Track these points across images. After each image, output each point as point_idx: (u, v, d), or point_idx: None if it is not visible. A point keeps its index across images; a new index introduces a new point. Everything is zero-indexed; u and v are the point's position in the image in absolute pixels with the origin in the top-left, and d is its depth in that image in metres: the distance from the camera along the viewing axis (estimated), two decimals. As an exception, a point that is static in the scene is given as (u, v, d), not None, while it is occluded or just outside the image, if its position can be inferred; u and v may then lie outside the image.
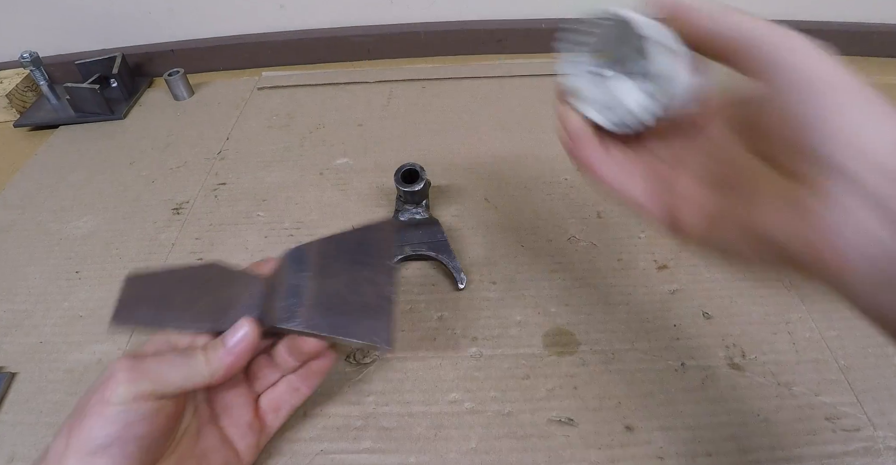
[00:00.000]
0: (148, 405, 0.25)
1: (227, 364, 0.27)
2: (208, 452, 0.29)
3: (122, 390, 0.25)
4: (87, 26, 0.71)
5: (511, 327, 0.38)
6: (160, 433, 0.26)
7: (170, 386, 0.26)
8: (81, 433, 0.24)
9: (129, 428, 0.25)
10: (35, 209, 0.52)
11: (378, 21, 0.72)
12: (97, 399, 0.25)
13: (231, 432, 0.30)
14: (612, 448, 0.32)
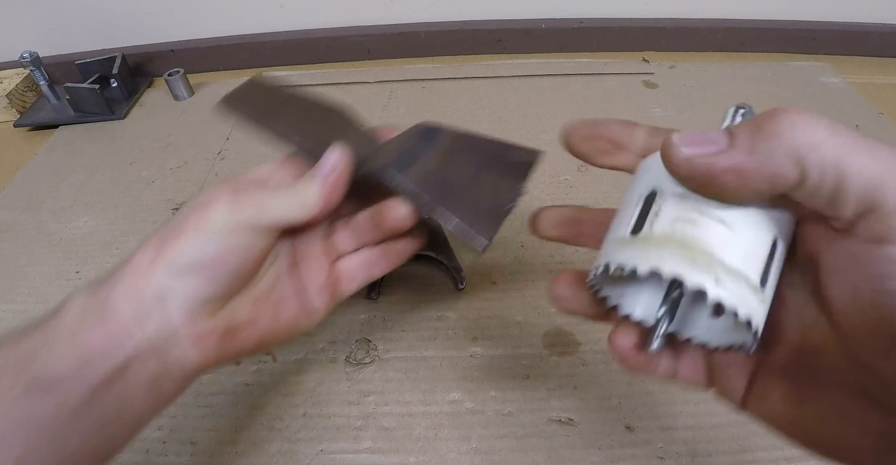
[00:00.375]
0: (244, 236, 0.25)
1: (323, 195, 0.27)
2: (282, 301, 0.28)
3: (223, 214, 0.25)
4: (87, 26, 0.71)
5: (511, 327, 0.38)
6: (247, 268, 0.26)
7: (268, 218, 0.26)
8: (175, 248, 0.24)
9: (223, 255, 0.24)
10: (35, 209, 0.52)
11: (378, 21, 0.72)
12: (197, 218, 0.25)
13: (304, 286, 0.30)
14: (612, 448, 0.32)
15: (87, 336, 0.23)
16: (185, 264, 0.24)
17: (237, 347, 0.26)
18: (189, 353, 0.24)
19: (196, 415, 0.34)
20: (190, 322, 0.24)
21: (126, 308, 0.23)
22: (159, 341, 0.24)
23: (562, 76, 0.65)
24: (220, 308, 0.26)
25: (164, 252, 0.24)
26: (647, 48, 0.70)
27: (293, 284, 0.29)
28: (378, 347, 0.37)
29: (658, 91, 0.62)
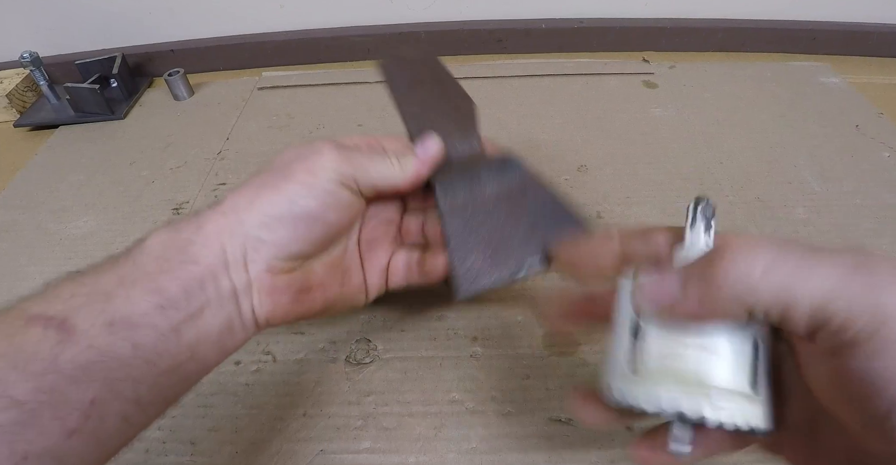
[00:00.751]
0: (346, 195, 0.26)
1: (415, 169, 0.28)
2: (351, 270, 0.29)
3: (330, 168, 0.25)
4: (87, 26, 0.71)
5: (511, 327, 0.38)
6: (339, 229, 0.26)
7: (368, 179, 0.26)
8: (274, 195, 0.24)
9: (323, 209, 0.25)
10: (35, 209, 0.52)
11: (378, 21, 0.72)
12: (304, 168, 0.25)
13: (367, 264, 0.31)
14: (612, 448, 0.32)
15: (167, 278, 0.22)
16: (284, 212, 0.24)
17: (306, 307, 0.27)
18: (263, 305, 0.25)
19: (196, 415, 0.34)
20: (270, 275, 0.24)
21: (210, 252, 0.23)
22: (238, 289, 0.24)
23: (562, 76, 0.65)
24: (300, 265, 0.26)
25: (265, 197, 0.24)
26: (647, 48, 0.70)
27: (359, 257, 0.30)
28: (378, 347, 0.37)
29: (658, 91, 0.62)
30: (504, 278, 0.28)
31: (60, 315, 0.21)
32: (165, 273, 0.22)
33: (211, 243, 0.23)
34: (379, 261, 0.31)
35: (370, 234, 0.31)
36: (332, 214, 0.25)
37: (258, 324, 0.25)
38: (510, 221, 0.29)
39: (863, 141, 0.53)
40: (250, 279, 0.24)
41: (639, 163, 0.52)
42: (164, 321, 0.22)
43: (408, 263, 0.32)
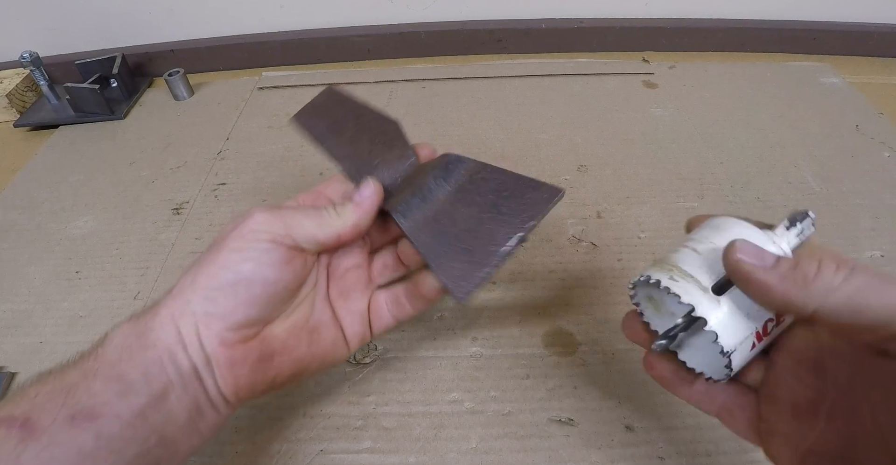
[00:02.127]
0: (282, 252, 0.25)
1: (355, 218, 0.28)
2: (320, 327, 0.29)
3: (260, 229, 0.25)
4: (87, 26, 0.71)
5: (511, 327, 0.38)
6: (285, 287, 0.26)
7: (304, 232, 0.26)
8: (211, 267, 0.24)
9: (259, 269, 0.25)
10: (35, 209, 0.52)
11: (378, 21, 0.72)
12: (234, 235, 0.25)
13: (342, 314, 0.30)
14: (612, 448, 0.32)
15: (127, 365, 0.23)
16: (221, 281, 0.24)
17: (271, 375, 0.26)
18: (225, 380, 0.24)
19: (196, 415, 0.34)
20: (225, 348, 0.24)
21: (165, 335, 0.24)
22: (198, 367, 0.24)
23: (562, 76, 0.65)
24: (256, 333, 0.26)
25: (201, 274, 0.24)
26: (646, 48, 0.70)
27: (330, 311, 0.30)
28: (378, 347, 0.37)
29: (658, 91, 0.62)
30: (491, 269, 0.27)
31: (23, 415, 0.21)
32: (125, 361, 0.23)
33: (166, 325, 0.24)
34: (356, 308, 0.30)
35: (339, 285, 0.30)
36: (271, 273, 0.25)
37: (228, 402, 0.25)
38: (473, 213, 0.29)
39: (863, 141, 0.53)
40: (208, 356, 0.24)
41: (639, 163, 0.52)
42: (126, 409, 0.22)
43: (394, 298, 0.31)
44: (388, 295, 0.31)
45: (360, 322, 0.30)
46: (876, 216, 0.45)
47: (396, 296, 0.31)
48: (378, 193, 0.29)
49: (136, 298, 0.42)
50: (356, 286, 0.31)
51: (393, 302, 0.31)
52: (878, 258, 0.41)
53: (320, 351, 0.28)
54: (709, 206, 0.46)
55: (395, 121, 0.35)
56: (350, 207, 0.28)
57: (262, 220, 0.26)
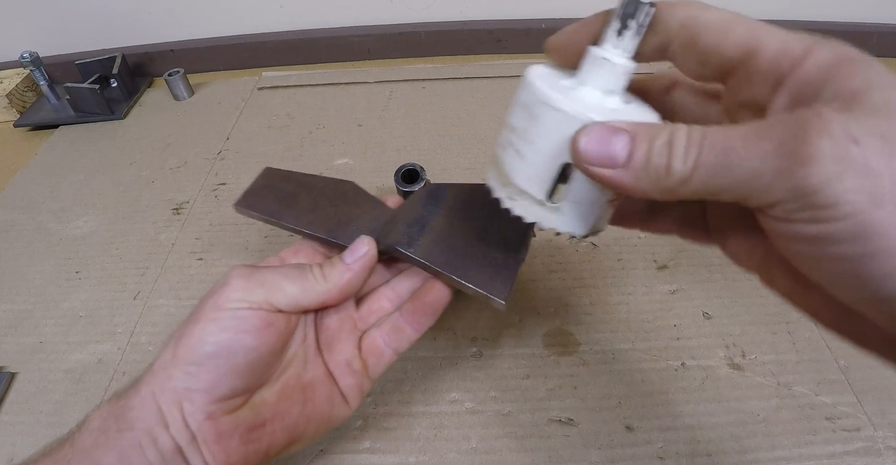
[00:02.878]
0: (261, 317, 0.24)
1: (345, 281, 0.26)
2: (315, 384, 0.27)
3: (237, 295, 0.24)
4: (87, 26, 0.71)
5: (511, 327, 0.38)
6: (269, 351, 0.24)
7: (285, 298, 0.25)
8: (190, 340, 0.23)
9: (239, 338, 0.23)
10: (35, 209, 0.52)
11: (378, 21, 0.72)
12: (211, 305, 0.24)
13: (334, 368, 0.28)
14: (612, 448, 0.32)
15: (101, 452, 0.22)
16: (202, 354, 0.23)
17: (265, 444, 0.25)
18: (215, 456, 0.23)
19: (196, 415, 0.34)
20: (212, 422, 0.23)
21: (146, 414, 0.22)
22: (182, 447, 0.22)
23: (562, 76, 0.65)
24: (244, 402, 0.24)
25: (181, 348, 0.23)
26: (647, 48, 0.70)
27: (323, 366, 0.28)
28: (378, 347, 0.37)
29: (658, 91, 0.62)
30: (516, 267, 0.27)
31: None
32: (101, 446, 0.22)
33: (147, 404, 0.22)
34: (343, 358, 0.28)
35: (324, 336, 0.28)
36: (251, 340, 0.24)
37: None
38: (476, 227, 0.29)
39: (863, 141, 0.53)
40: (193, 433, 0.23)
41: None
42: None
43: (391, 328, 0.29)
44: (384, 329, 0.29)
45: (351, 373, 0.28)
46: (876, 216, 0.45)
47: (394, 324, 0.29)
48: (372, 252, 0.27)
49: (136, 298, 0.42)
50: (339, 334, 0.28)
51: (390, 333, 0.29)
52: (878, 258, 0.41)
53: (316, 411, 0.26)
54: (709, 206, 0.46)
55: (349, 181, 0.34)
56: (339, 269, 0.26)
57: (238, 287, 0.24)
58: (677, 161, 0.16)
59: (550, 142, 0.19)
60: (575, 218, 0.21)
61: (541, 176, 0.20)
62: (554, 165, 0.20)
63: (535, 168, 0.20)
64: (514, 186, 0.21)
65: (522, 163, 0.21)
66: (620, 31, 0.19)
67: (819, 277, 0.16)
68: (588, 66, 0.20)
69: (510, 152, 0.21)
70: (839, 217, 0.14)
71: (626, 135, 0.18)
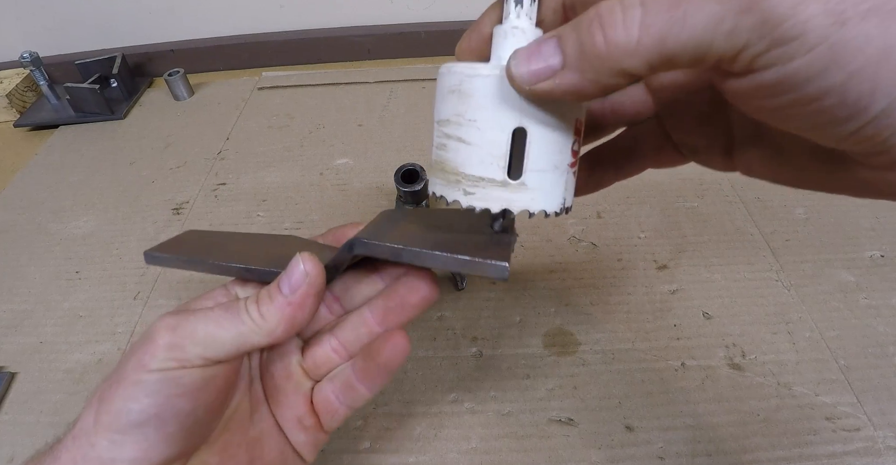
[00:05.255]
0: (194, 375, 0.20)
1: (287, 317, 0.21)
2: (262, 439, 0.24)
3: (162, 356, 0.20)
4: (87, 26, 0.71)
5: (511, 327, 0.38)
6: (206, 411, 0.21)
7: (223, 348, 0.21)
8: (112, 405, 0.20)
9: (169, 403, 0.20)
10: (35, 209, 0.52)
11: (378, 21, 0.72)
12: (134, 365, 0.20)
13: (284, 423, 0.24)
14: (612, 448, 0.32)
15: None
16: (126, 423, 0.20)
17: None
18: None
19: (196, 415, 0.34)
20: None
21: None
22: None
23: (562, 76, 0.65)
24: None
25: (103, 413, 0.20)
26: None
27: (272, 418, 0.24)
28: (378, 347, 0.37)
29: (658, 91, 0.62)
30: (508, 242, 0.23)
31: None
32: None
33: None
34: (293, 414, 0.24)
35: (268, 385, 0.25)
36: (184, 403, 0.20)
37: None
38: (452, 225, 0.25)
39: (863, 141, 0.53)
40: None
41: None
42: None
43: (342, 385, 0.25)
44: (336, 384, 0.25)
45: (302, 429, 0.24)
46: (876, 216, 0.45)
47: (346, 381, 0.25)
48: (316, 272, 0.22)
49: (136, 298, 0.42)
50: (287, 385, 0.25)
51: (343, 390, 0.25)
52: (877, 258, 0.41)
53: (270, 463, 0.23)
54: (708, 205, 0.46)
55: (291, 236, 0.30)
56: (278, 304, 0.21)
57: (165, 342, 0.20)
58: (618, 31, 0.15)
59: (491, 111, 0.18)
60: (543, 191, 0.19)
61: (493, 152, 0.19)
62: (503, 136, 0.19)
63: (486, 146, 0.19)
64: (468, 177, 0.19)
65: (469, 148, 0.19)
66: (517, 2, 0.18)
67: (797, 126, 0.16)
68: (498, 42, 0.19)
69: (451, 146, 0.19)
70: (810, 46, 0.13)
71: (551, 40, 0.16)
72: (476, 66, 0.18)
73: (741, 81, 0.15)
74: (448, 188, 0.20)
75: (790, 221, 0.45)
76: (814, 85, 0.14)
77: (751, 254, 0.42)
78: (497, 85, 0.18)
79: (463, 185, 0.19)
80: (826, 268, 0.41)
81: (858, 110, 0.14)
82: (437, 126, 0.20)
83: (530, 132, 0.19)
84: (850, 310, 0.38)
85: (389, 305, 0.25)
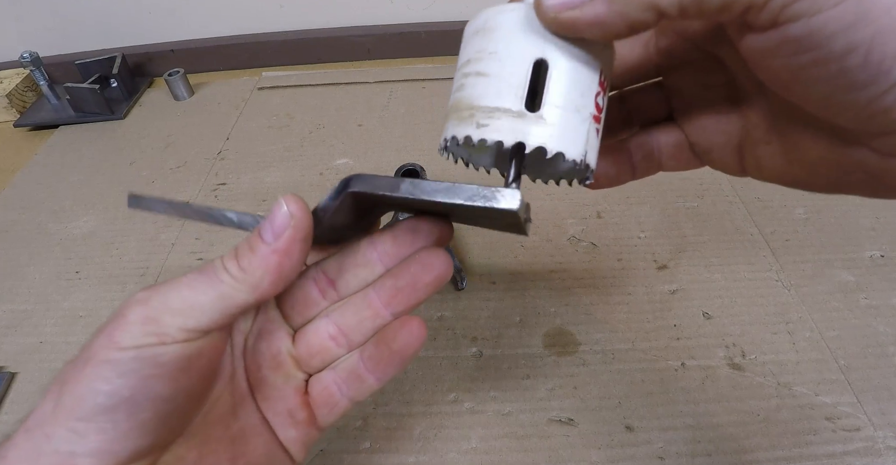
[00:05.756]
0: (176, 352, 0.18)
1: (273, 266, 0.18)
2: (247, 436, 0.21)
3: (136, 328, 0.17)
4: (87, 26, 0.71)
5: (511, 327, 0.38)
6: (188, 397, 0.19)
7: (203, 315, 0.18)
8: (77, 387, 0.17)
9: (146, 384, 0.17)
10: (35, 209, 0.52)
11: (378, 21, 0.72)
12: (103, 342, 0.17)
13: (272, 417, 0.22)
14: (612, 448, 0.32)
15: None
16: (92, 407, 0.17)
17: None
18: None
19: (196, 415, 0.34)
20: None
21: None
22: None
23: (562, 76, 0.65)
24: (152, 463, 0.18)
25: (65, 396, 0.17)
26: (647, 48, 0.70)
27: (257, 412, 0.22)
28: (378, 347, 0.37)
29: (658, 91, 0.62)
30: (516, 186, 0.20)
31: None
32: None
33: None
34: (283, 407, 0.22)
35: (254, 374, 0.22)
36: (163, 387, 0.18)
37: None
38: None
39: (863, 141, 0.53)
40: None
41: (639, 163, 0.52)
42: None
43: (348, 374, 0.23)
44: (340, 374, 0.23)
45: (293, 424, 0.22)
46: (876, 216, 0.45)
47: (353, 371, 0.22)
48: (302, 214, 0.19)
49: (136, 298, 0.42)
50: (275, 377, 0.22)
51: (348, 380, 0.22)
52: (877, 258, 0.41)
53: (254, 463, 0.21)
54: (708, 206, 0.46)
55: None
56: (261, 254, 0.19)
57: (139, 316, 0.18)
58: None
59: (513, 41, 0.18)
60: (563, 129, 0.18)
61: (512, 82, 0.17)
62: (523, 65, 0.18)
63: (505, 76, 0.18)
64: (482, 109, 0.18)
65: (487, 80, 0.18)
66: None
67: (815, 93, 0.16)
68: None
69: (468, 83, 0.18)
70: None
71: None
72: (502, 6, 0.18)
73: (764, 36, 0.15)
74: (460, 126, 0.18)
75: (790, 221, 0.45)
76: (839, 41, 0.14)
77: (751, 254, 0.42)
78: (522, 17, 0.18)
79: (476, 118, 0.18)
80: (826, 268, 0.41)
81: (880, 73, 0.14)
82: (457, 72, 0.19)
83: (552, 66, 0.18)
84: (850, 310, 0.38)
85: (399, 284, 0.22)
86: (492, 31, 0.18)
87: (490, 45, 0.18)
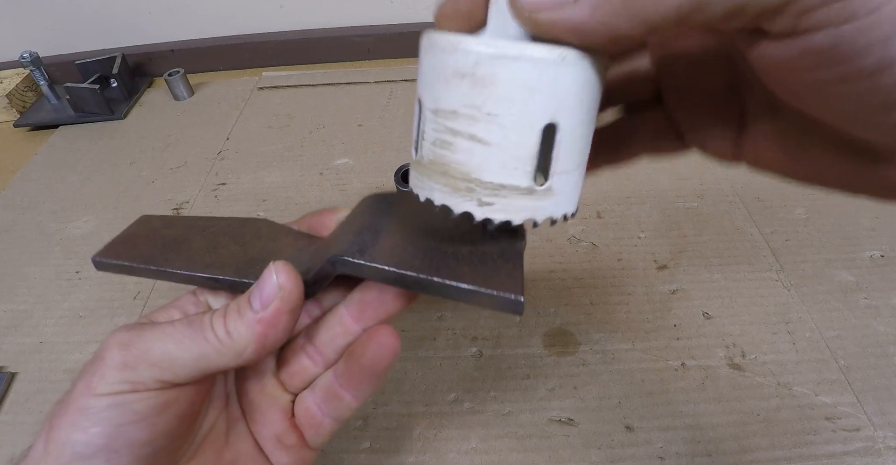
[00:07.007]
0: (150, 400, 0.18)
1: (258, 336, 0.18)
2: (239, 462, 0.21)
3: (113, 375, 0.18)
4: (87, 26, 0.71)
5: (511, 327, 0.38)
6: (168, 439, 0.19)
7: (182, 370, 0.18)
8: (58, 435, 0.18)
9: (121, 432, 0.18)
10: (35, 209, 0.52)
11: (378, 21, 0.72)
12: (82, 388, 0.18)
13: (263, 443, 0.22)
14: (612, 448, 0.32)
15: None
16: (73, 455, 0.17)
17: None
18: None
19: (196, 415, 0.34)
20: None
21: None
22: None
23: (562, 76, 0.65)
24: None
25: (52, 438, 0.18)
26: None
27: (251, 437, 0.22)
28: (378, 347, 0.37)
29: (658, 91, 0.62)
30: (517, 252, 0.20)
31: None
32: None
33: None
34: (270, 432, 0.22)
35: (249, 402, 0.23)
36: (139, 432, 0.18)
37: None
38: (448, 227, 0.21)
39: (863, 141, 0.53)
40: None
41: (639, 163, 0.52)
42: None
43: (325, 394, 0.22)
44: (317, 394, 0.23)
45: (284, 449, 0.22)
46: (876, 216, 0.45)
47: (329, 390, 0.22)
48: (293, 284, 0.19)
49: (136, 298, 0.42)
50: (262, 399, 0.22)
51: (326, 400, 0.22)
52: (878, 258, 0.41)
53: None
54: (708, 206, 0.46)
55: (261, 219, 0.26)
56: (247, 321, 0.19)
57: (116, 362, 0.18)
58: None
59: (520, 103, 0.15)
60: (565, 194, 0.17)
61: (521, 156, 0.15)
62: (532, 135, 0.15)
63: (511, 148, 0.15)
64: (485, 184, 0.16)
65: (487, 149, 0.15)
66: None
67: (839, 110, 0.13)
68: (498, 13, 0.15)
69: (461, 146, 0.16)
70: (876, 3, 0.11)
71: None
72: (495, 43, 0.15)
73: (781, 45, 0.12)
74: (455, 197, 0.16)
75: (790, 221, 0.45)
76: (872, 56, 0.11)
77: (751, 254, 0.42)
78: (530, 70, 0.14)
79: (478, 194, 0.16)
80: (826, 268, 0.41)
81: None
82: (431, 116, 0.16)
83: (562, 128, 0.16)
84: (850, 310, 0.38)
85: (366, 298, 0.22)
86: (489, 85, 0.15)
87: (487, 105, 0.15)
